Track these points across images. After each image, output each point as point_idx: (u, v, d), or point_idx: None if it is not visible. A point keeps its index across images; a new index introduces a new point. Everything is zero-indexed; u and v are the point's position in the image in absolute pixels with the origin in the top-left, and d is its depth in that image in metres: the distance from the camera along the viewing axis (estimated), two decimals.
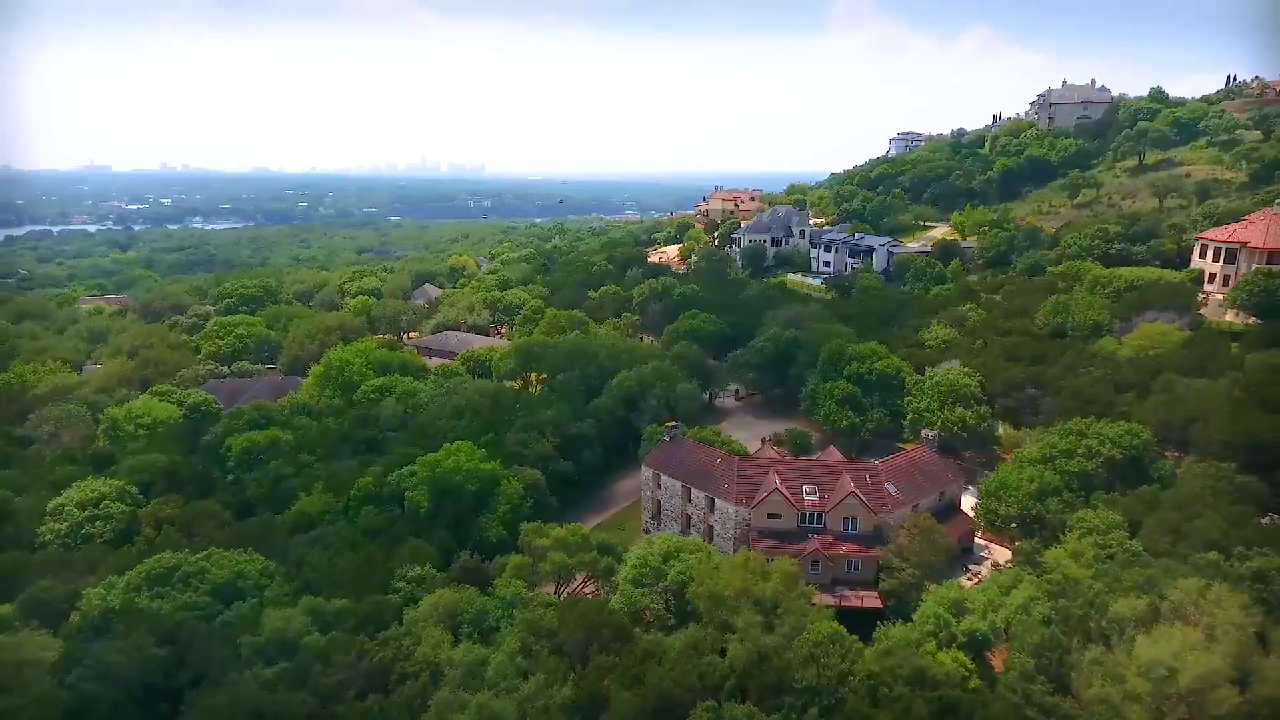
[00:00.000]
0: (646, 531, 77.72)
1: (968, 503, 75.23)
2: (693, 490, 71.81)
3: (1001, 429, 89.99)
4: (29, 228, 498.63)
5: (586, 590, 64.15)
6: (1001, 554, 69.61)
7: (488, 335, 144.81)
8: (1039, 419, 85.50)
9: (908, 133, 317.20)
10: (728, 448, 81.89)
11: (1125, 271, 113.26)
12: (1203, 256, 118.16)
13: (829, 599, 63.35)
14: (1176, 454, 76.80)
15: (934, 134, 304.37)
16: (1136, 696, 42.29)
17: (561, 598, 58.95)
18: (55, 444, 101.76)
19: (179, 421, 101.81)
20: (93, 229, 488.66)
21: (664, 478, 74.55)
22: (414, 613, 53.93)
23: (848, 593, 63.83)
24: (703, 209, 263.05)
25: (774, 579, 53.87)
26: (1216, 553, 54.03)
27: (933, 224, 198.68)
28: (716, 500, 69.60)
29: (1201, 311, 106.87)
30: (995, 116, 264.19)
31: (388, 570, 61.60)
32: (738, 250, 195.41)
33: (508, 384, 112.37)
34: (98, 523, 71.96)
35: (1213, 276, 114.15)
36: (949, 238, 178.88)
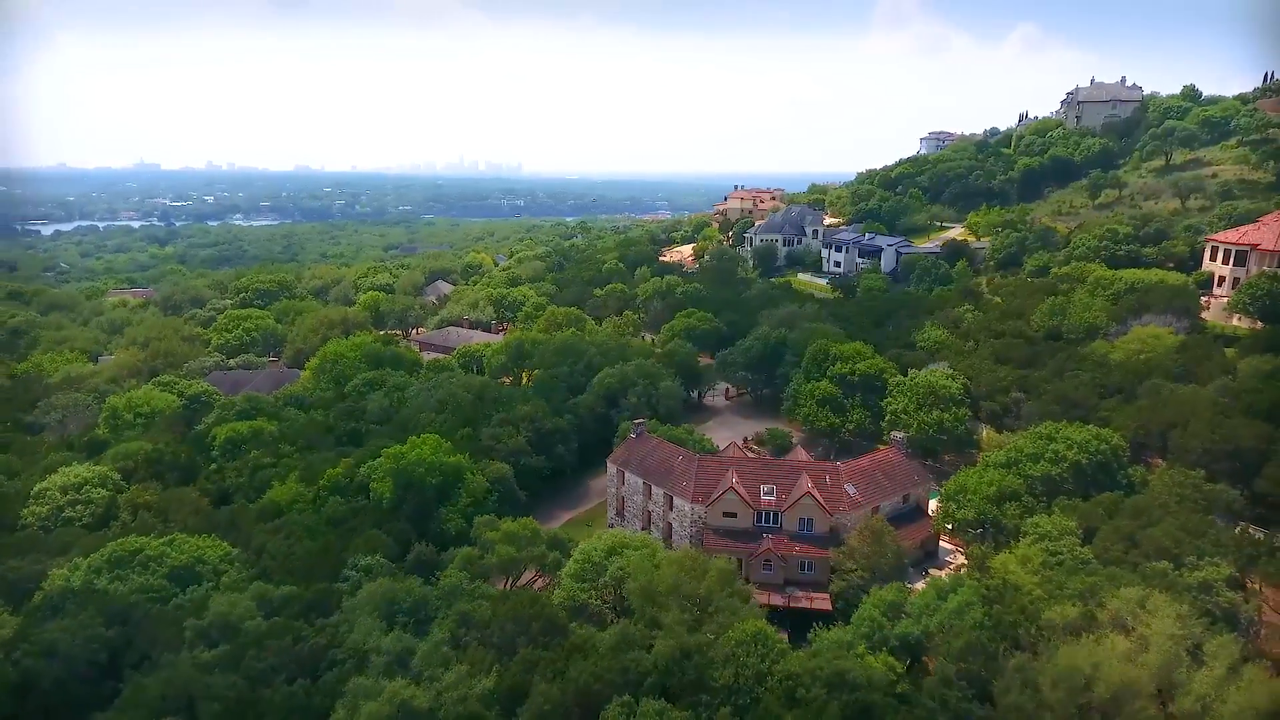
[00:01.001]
0: (611, 528, 77.85)
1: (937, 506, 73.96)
2: (653, 487, 71.80)
3: (985, 432, 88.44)
4: (78, 223, 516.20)
5: (536, 584, 64.55)
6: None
7: (489, 331, 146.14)
8: (1019, 423, 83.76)
9: (939, 132, 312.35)
10: (699, 446, 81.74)
11: (1127, 273, 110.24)
12: (1213, 259, 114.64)
13: (778, 599, 63.01)
14: (1158, 460, 74.83)
15: (967, 133, 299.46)
16: (1050, 705, 41.35)
17: (511, 590, 59.31)
18: (61, 431, 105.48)
19: (177, 411, 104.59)
20: (136, 224, 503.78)
21: (627, 474, 74.65)
22: (352, 600, 54.83)
23: (798, 594, 63.28)
24: (720, 208, 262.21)
25: (709, 577, 53.67)
26: (1167, 562, 52.60)
27: (950, 224, 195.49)
28: (675, 498, 69.49)
29: (1206, 315, 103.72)
30: (1022, 115, 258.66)
31: (341, 559, 62.67)
32: (749, 250, 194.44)
33: (503, 380, 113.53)
34: (78, 507, 74.35)
35: (1222, 279, 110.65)
36: (963, 238, 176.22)
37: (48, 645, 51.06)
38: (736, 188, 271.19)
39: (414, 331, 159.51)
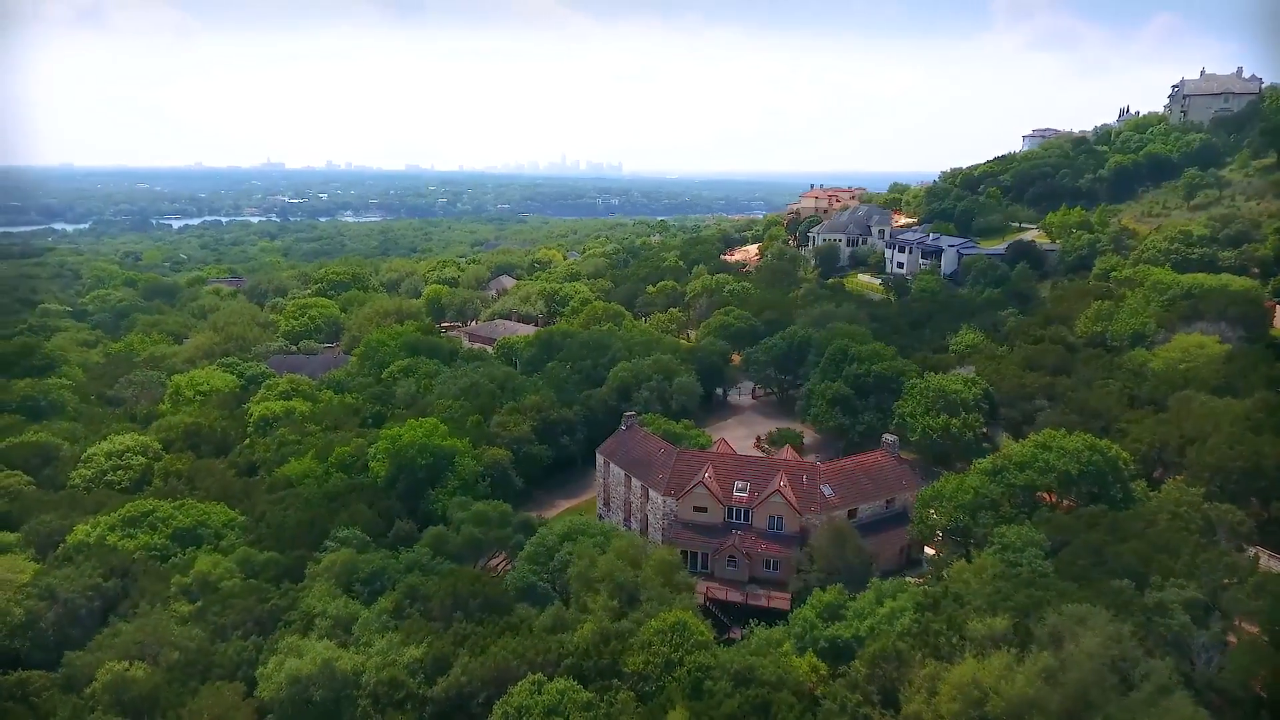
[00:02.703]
0: (600, 518, 79.08)
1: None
2: (633, 479, 72.57)
3: (1005, 439, 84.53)
4: (205, 218, 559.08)
5: (504, 566, 66.53)
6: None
7: (535, 325, 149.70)
8: (1036, 431, 79.62)
9: (1044, 129, 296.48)
10: (694, 442, 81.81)
11: (1187, 278, 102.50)
12: None
13: (736, 595, 62.78)
14: (1181, 477, 69.85)
15: (1078, 131, 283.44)
16: (944, 716, 39.87)
17: (457, 568, 61.42)
18: (134, 404, 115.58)
19: (234, 390, 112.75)
20: (255, 220, 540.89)
21: (612, 465, 75.71)
22: (314, 568, 58.31)
23: (759, 592, 62.80)
24: (794, 208, 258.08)
25: (646, 567, 54.16)
26: (1129, 581, 49.41)
27: (1028, 225, 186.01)
28: (650, 490, 70.05)
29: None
30: (1123, 110, 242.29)
31: (325, 530, 66.52)
32: (810, 250, 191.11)
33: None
34: (119, 471, 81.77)
35: None
36: (1038, 240, 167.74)
37: (47, 589, 56.77)
38: (812, 186, 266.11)
39: (470, 323, 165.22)
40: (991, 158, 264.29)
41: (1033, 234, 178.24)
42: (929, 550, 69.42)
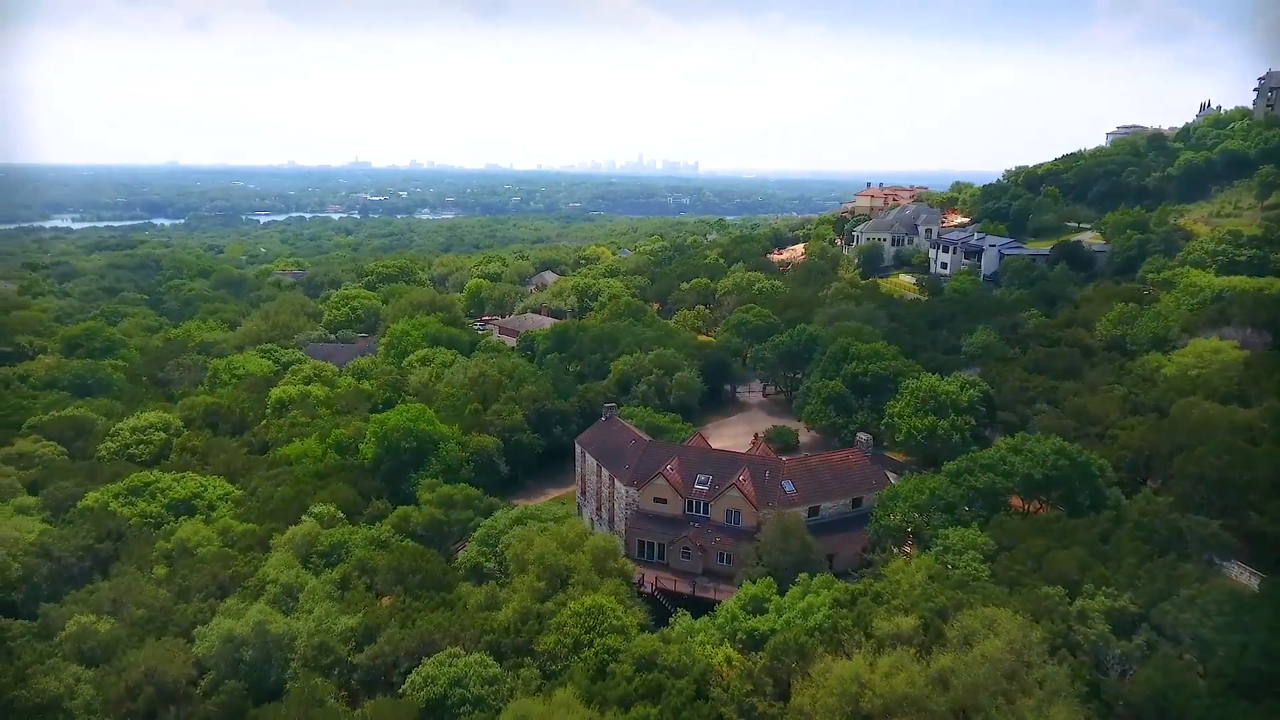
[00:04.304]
0: (579, 507, 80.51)
1: None
2: (603, 469, 73.59)
3: (998, 442, 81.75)
4: (291, 214, 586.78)
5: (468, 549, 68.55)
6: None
7: (565, 319, 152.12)
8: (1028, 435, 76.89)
9: (1129, 126, 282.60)
10: (675, 436, 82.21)
11: (1221, 280, 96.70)
12: None
13: (685, 587, 63.16)
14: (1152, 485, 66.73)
15: (1168, 127, 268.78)
16: (826, 710, 39.63)
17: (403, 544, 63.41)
18: (179, 385, 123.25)
19: (266, 374, 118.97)
20: (336, 217, 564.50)
21: (587, 455, 76.91)
22: (278, 539, 61.67)
23: (708, 584, 62.99)
24: (849, 207, 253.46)
25: (581, 553, 55.23)
26: (1060, 587, 47.73)
27: (1085, 225, 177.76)
28: (616, 480, 70.96)
29: None
30: (1203, 105, 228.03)
31: (305, 505, 70.01)
32: (853, 248, 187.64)
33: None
34: (140, 445, 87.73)
35: None
36: (1094, 241, 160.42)
37: (43, 548, 61.89)
38: (869, 185, 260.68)
39: (507, 316, 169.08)
40: (1060, 155, 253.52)
41: (1088, 235, 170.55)
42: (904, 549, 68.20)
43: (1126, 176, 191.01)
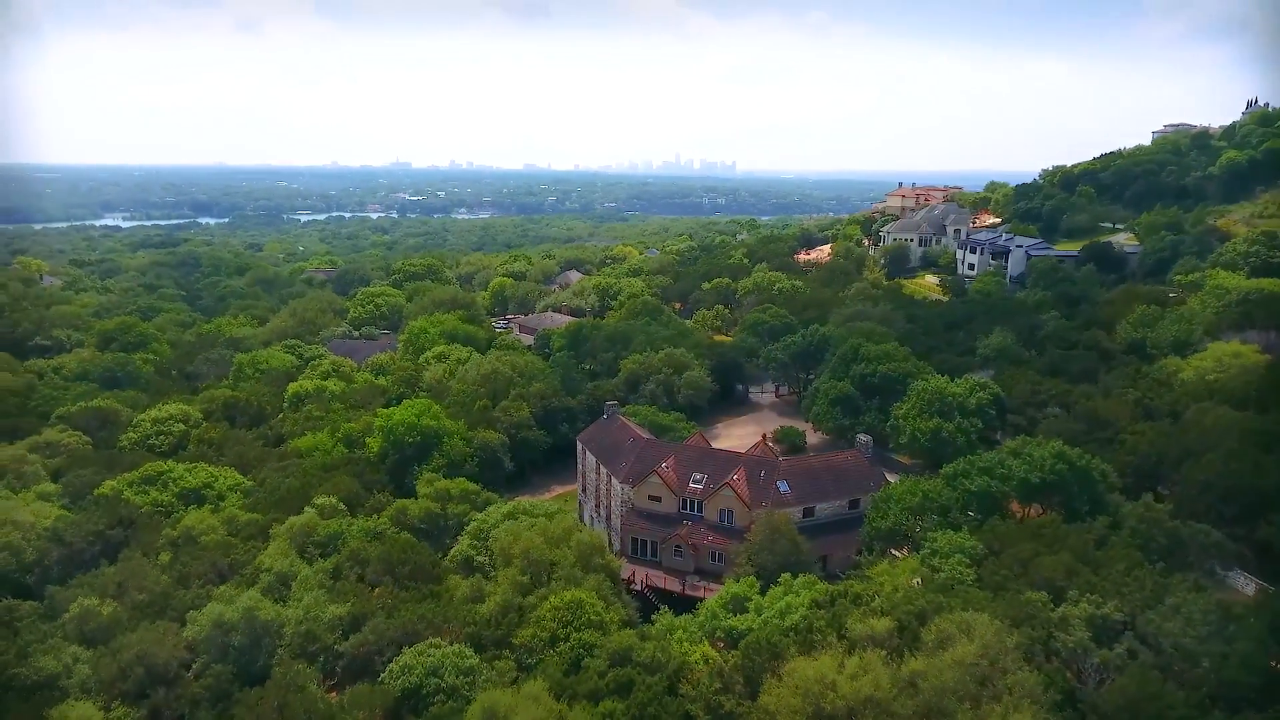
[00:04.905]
0: (580, 504, 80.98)
1: None
2: (602, 466, 73.93)
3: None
4: (330, 214, 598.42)
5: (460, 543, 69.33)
6: None
7: (585, 317, 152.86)
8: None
9: (1176, 124, 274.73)
10: (676, 434, 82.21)
11: (1249, 283, 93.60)
12: None
13: (675, 585, 63.21)
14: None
15: (1216, 125, 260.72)
16: (790, 709, 39.39)
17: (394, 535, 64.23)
18: (205, 379, 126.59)
19: (288, 369, 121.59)
20: (375, 216, 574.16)
21: (588, 452, 77.29)
22: (277, 528, 63.09)
23: (698, 583, 62.98)
24: (879, 207, 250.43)
25: (566, 548, 55.59)
26: (1044, 593, 46.79)
27: (1120, 226, 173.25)
28: (613, 477, 71.23)
29: None
30: (1250, 103, 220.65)
31: (308, 496, 71.51)
32: (878, 249, 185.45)
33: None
34: (160, 436, 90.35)
35: None
36: (1129, 242, 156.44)
37: (55, 533, 64.18)
38: (900, 185, 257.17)
39: (528, 315, 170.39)
40: (1099, 154, 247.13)
41: (1122, 236, 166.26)
42: (894, 552, 67.38)
43: (1165, 176, 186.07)
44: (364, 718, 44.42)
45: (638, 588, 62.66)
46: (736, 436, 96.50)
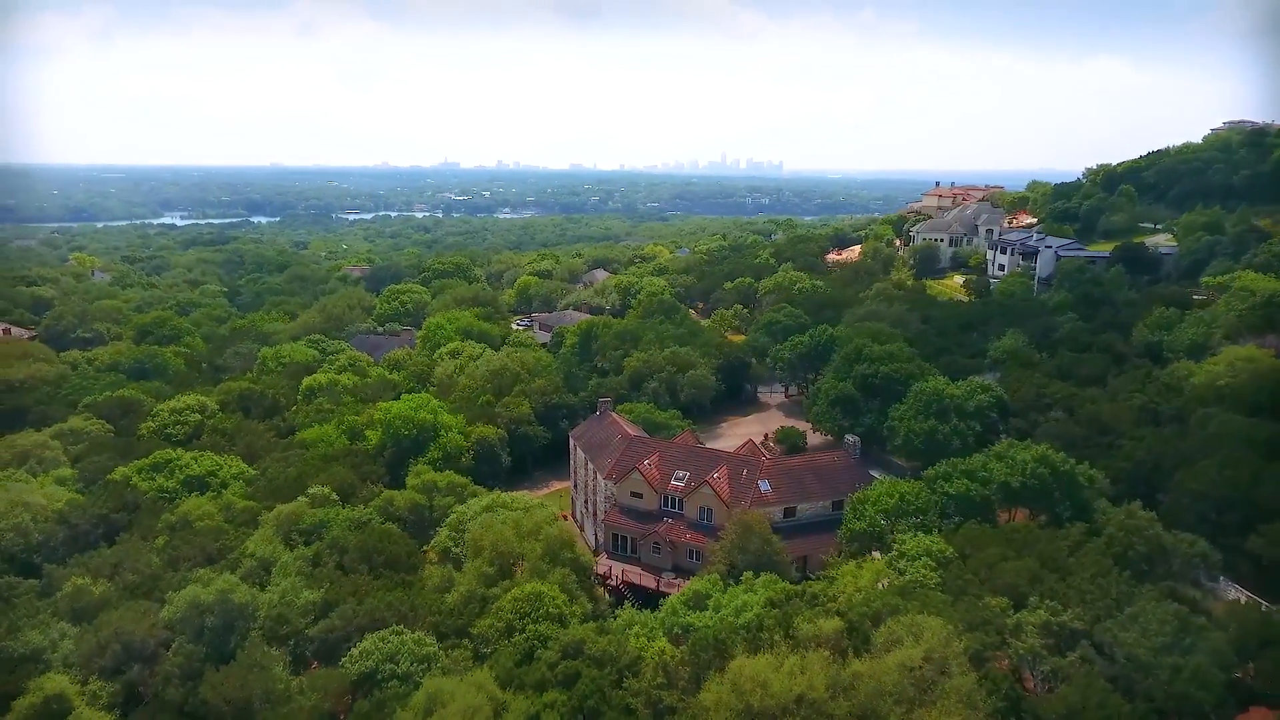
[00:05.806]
0: (573, 500, 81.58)
1: None
2: (589, 462, 74.38)
3: None
4: (378, 213, 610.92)
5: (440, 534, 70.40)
6: None
7: (607, 315, 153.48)
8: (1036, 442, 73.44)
9: (1236, 121, 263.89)
10: (669, 432, 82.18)
11: (1275, 285, 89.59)
12: None
13: (649, 581, 63.32)
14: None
15: (1276, 122, 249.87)
16: (725, 706, 39.29)
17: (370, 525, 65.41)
18: (232, 371, 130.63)
19: (308, 362, 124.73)
20: (421, 215, 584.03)
21: (577, 448, 77.82)
22: (265, 515, 64.97)
23: (673, 579, 62.92)
24: (914, 207, 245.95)
25: (535, 542, 56.17)
26: (1005, 599, 45.82)
27: (1159, 226, 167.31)
28: (598, 473, 71.62)
29: None
30: None
31: (304, 486, 73.41)
32: (908, 250, 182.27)
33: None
34: (177, 425, 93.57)
35: None
36: (1169, 243, 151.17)
37: (60, 516, 67.13)
38: (937, 184, 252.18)
39: (550, 313, 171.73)
40: (1147, 153, 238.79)
41: (1161, 236, 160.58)
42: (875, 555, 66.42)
43: (1212, 175, 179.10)
44: (319, 699, 45.62)
45: (614, 583, 62.93)
46: (740, 436, 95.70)
